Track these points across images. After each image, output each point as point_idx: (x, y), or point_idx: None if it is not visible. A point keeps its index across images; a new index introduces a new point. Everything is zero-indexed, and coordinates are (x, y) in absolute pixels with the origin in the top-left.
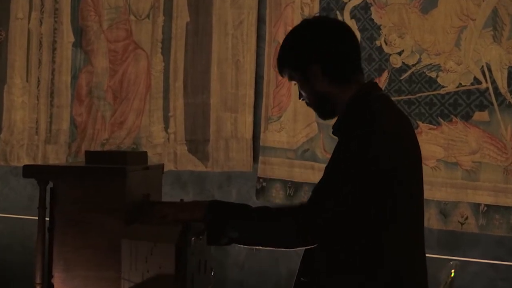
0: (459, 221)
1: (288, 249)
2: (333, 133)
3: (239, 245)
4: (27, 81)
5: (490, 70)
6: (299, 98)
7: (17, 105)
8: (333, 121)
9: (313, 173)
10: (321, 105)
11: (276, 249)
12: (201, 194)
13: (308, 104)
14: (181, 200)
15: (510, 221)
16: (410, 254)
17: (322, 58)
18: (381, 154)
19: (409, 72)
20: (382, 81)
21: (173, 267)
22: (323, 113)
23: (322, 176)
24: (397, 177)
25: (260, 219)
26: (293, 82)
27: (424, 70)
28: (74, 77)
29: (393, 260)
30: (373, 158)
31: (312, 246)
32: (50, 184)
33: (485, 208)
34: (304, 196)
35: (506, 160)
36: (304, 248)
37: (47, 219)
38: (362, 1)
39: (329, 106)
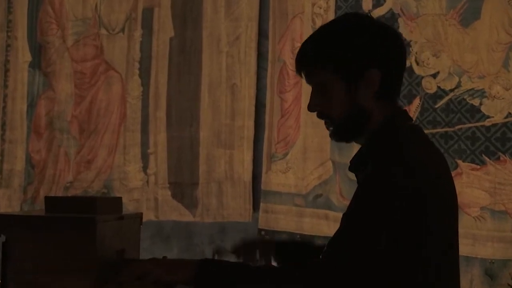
0: (508, 284)
1: None
2: (349, 168)
3: None
4: None
5: None
6: (311, 109)
7: None
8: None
9: (327, 224)
10: (352, 121)
11: None
12: (187, 250)
13: (327, 118)
14: (164, 257)
15: None
16: None
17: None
18: (411, 193)
19: (446, 98)
20: (413, 110)
21: None
22: (346, 133)
23: (339, 226)
24: (429, 224)
25: (262, 281)
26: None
27: (465, 97)
28: (31, 105)
29: None
30: (400, 199)
31: None
32: (2, 238)
33: None
34: None
35: None
36: None
37: None
38: (388, 11)
39: (360, 124)
